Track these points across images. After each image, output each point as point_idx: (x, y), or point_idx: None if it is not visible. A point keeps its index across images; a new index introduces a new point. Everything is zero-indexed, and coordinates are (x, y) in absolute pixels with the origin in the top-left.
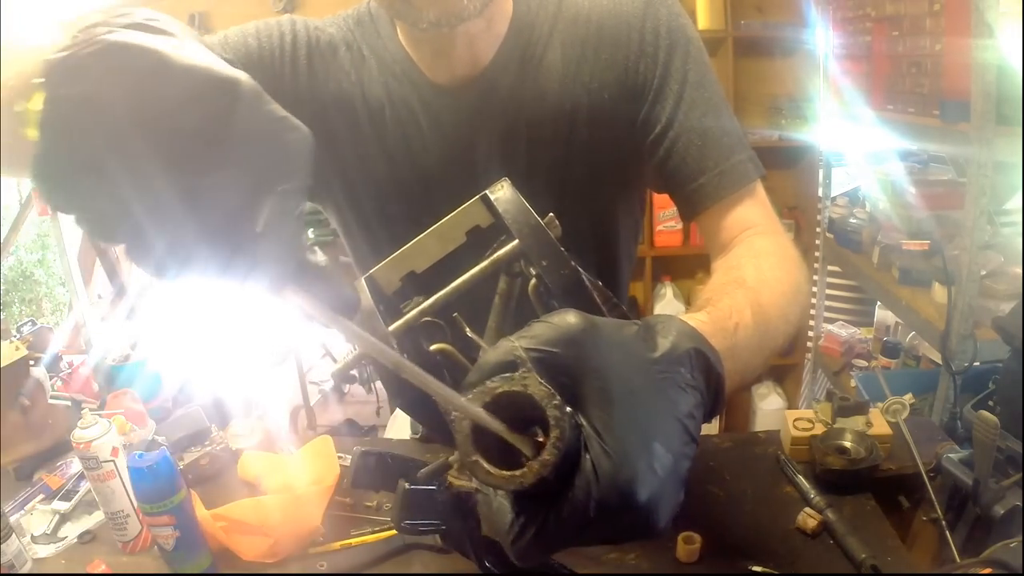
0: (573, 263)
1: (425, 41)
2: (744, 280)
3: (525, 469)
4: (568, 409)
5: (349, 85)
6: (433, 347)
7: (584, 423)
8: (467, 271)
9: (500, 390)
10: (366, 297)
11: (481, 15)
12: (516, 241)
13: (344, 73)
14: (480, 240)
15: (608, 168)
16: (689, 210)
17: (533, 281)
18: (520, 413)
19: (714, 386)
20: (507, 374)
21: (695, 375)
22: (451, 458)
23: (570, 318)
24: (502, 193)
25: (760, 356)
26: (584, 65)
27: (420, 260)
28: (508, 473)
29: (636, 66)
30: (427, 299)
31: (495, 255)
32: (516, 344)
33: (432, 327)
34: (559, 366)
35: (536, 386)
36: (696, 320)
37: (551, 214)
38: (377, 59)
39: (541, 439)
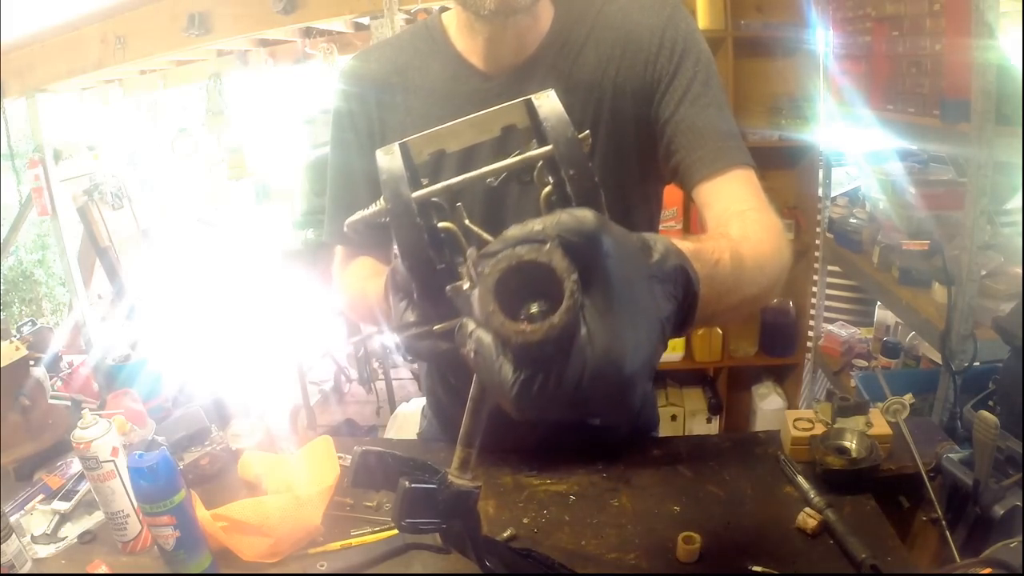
0: (596, 179)
1: (481, 30)
2: (728, 234)
3: (536, 326)
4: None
5: (402, 103)
6: (441, 224)
7: (587, 303)
8: (494, 162)
9: (527, 257)
10: (396, 160)
11: (529, 12)
12: (550, 146)
13: (396, 95)
14: (507, 142)
15: (625, 156)
16: (687, 181)
17: (548, 189)
18: (531, 285)
19: (689, 302)
20: (535, 244)
21: (677, 288)
22: (451, 468)
23: (590, 214)
24: (546, 101)
25: (734, 296)
26: (612, 63)
27: (452, 142)
28: (520, 327)
29: (654, 64)
30: (451, 178)
31: (526, 154)
32: (542, 226)
33: (440, 208)
34: (575, 252)
35: (560, 260)
36: (682, 245)
37: (587, 131)
38: (435, 61)
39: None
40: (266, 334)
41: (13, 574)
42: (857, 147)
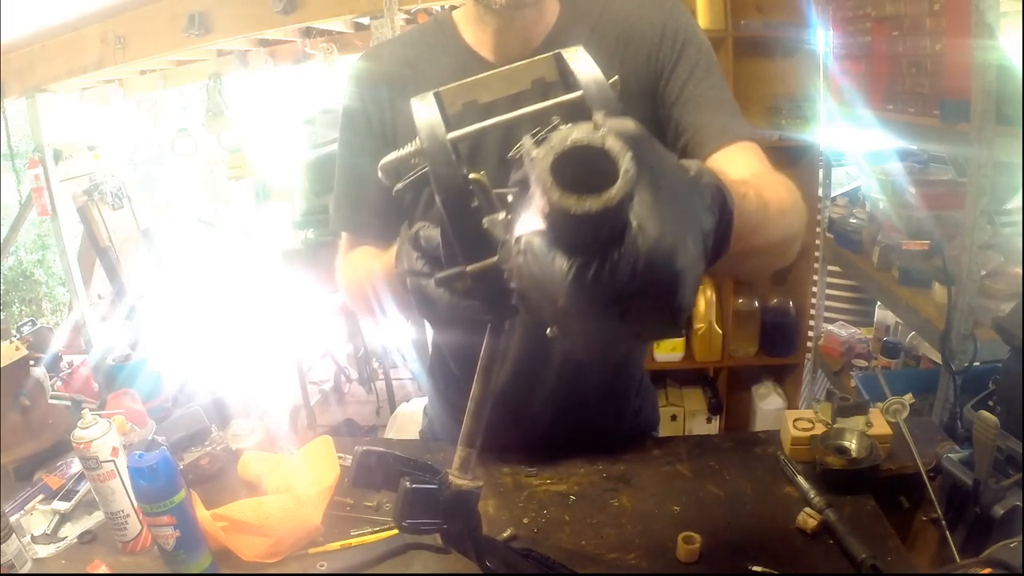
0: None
1: (490, 22)
2: (747, 182)
3: (594, 197)
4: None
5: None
6: (472, 176)
7: (636, 198)
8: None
9: (584, 142)
10: (431, 107)
11: (536, 6)
12: (580, 92)
13: (404, 90)
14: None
15: None
16: (696, 156)
17: None
18: (584, 178)
19: (725, 221)
20: (589, 132)
21: (713, 204)
22: (452, 468)
23: (631, 121)
24: (575, 54)
25: (760, 236)
26: (616, 57)
27: (484, 93)
28: (578, 197)
29: (657, 53)
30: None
31: (559, 99)
32: (592, 125)
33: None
34: None
35: (614, 141)
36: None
37: (616, 76)
38: (444, 54)
39: None
40: (266, 334)
41: (13, 574)
42: (857, 147)
